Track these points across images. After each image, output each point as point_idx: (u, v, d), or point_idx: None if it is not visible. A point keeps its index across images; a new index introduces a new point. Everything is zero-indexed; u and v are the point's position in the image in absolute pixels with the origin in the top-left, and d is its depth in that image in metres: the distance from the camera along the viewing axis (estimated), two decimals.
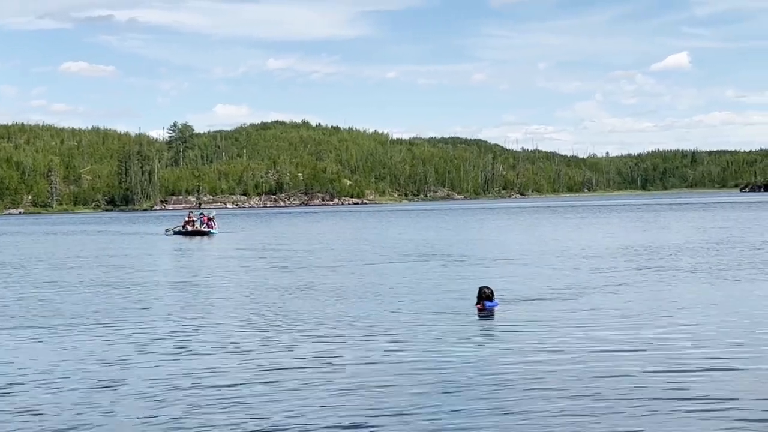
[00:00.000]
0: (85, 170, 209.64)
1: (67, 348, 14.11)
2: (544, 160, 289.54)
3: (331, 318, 16.71)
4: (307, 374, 11.52)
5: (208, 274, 28.15)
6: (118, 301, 20.62)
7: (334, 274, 26.16)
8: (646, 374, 11.03)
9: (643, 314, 16.32)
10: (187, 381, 11.30)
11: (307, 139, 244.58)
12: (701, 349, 12.63)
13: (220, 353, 13.27)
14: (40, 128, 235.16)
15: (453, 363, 12.02)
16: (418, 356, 12.58)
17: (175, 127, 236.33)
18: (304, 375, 11.48)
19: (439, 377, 11.13)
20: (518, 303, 18.04)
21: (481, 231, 54.59)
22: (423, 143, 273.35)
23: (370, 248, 38.79)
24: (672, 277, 23.08)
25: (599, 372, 11.21)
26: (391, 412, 9.51)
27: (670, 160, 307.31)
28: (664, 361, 11.83)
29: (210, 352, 13.36)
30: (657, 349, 12.74)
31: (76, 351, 13.78)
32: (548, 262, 28.75)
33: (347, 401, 10.03)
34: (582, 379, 10.82)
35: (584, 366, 11.59)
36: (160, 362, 12.66)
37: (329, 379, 11.22)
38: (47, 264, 34.25)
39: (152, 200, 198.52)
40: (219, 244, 46.03)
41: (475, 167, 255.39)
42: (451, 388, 10.49)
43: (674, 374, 11.00)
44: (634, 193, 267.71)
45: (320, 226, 73.86)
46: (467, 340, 13.97)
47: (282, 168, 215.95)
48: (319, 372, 11.66)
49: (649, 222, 60.10)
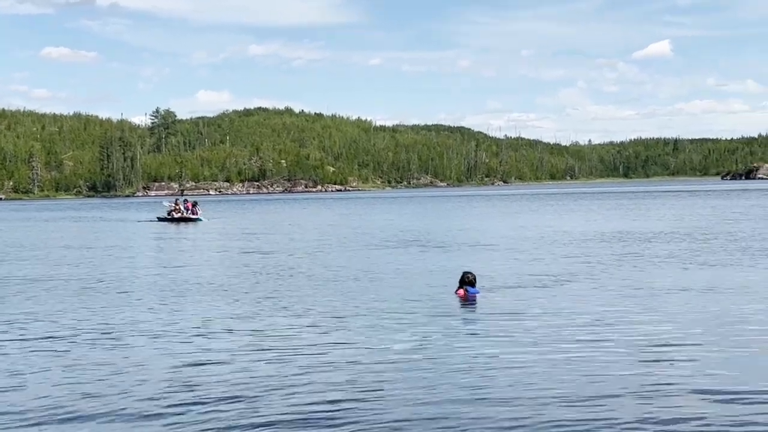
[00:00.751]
0: (67, 156, 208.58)
1: (44, 333, 14.12)
2: (527, 148, 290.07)
3: (312, 304, 16.75)
4: (282, 360, 11.57)
5: (190, 260, 28.15)
6: (100, 287, 20.60)
7: (316, 261, 26.20)
8: (625, 359, 11.14)
9: (622, 299, 16.46)
10: (167, 362, 11.35)
11: (290, 126, 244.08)
12: (678, 332, 12.77)
13: (199, 339, 13.30)
14: (21, 114, 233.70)
15: (433, 349, 12.11)
16: (398, 342, 12.65)
17: (157, 113, 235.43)
18: (280, 361, 11.53)
19: (418, 363, 11.21)
20: (499, 289, 18.14)
21: (463, 218, 54.72)
22: (406, 130, 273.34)
23: (354, 235, 38.87)
24: (650, 263, 23.25)
25: (580, 358, 11.32)
26: (370, 398, 9.58)
27: (652, 148, 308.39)
28: (643, 345, 11.96)
29: (188, 339, 13.39)
30: (636, 333, 12.86)
31: (59, 333, 13.79)
32: (529, 248, 28.89)
33: (325, 387, 10.09)
34: (562, 366, 10.91)
35: (565, 353, 11.70)
36: (143, 345, 12.70)
37: (307, 364, 11.28)
38: (34, 252, 34.14)
39: (134, 187, 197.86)
40: (204, 231, 45.96)
41: (458, 154, 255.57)
42: (431, 375, 10.57)
43: (651, 358, 11.13)
44: (616, 180, 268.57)
45: (304, 213, 73.83)
46: (448, 325, 14.06)
47: (265, 155, 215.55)
48: (296, 357, 11.71)
49: (630, 210, 60.38)
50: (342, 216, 63.71)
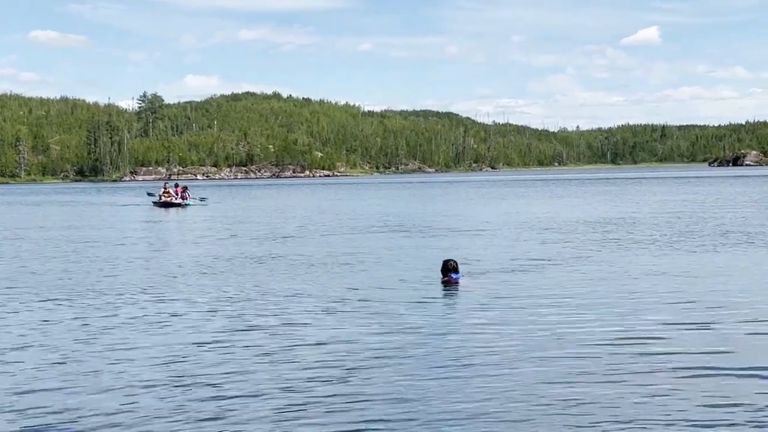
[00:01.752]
0: (54, 140, 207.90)
1: (33, 321, 14.16)
2: (515, 134, 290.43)
3: (297, 290, 16.83)
4: (265, 347, 11.65)
5: (178, 245, 28.20)
6: (88, 272, 20.63)
7: (303, 246, 26.26)
8: (607, 342, 11.27)
9: (602, 283, 16.60)
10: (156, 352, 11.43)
11: (278, 111, 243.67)
12: (660, 316, 12.91)
13: (184, 326, 13.37)
14: (8, 97, 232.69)
15: (416, 335, 12.21)
16: (381, 329, 12.75)
17: (144, 97, 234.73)
18: (263, 347, 11.61)
19: (401, 350, 11.30)
20: (483, 275, 18.24)
21: (449, 203, 54.83)
22: (395, 116, 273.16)
23: (340, 220, 38.93)
24: (635, 248, 23.41)
25: (563, 342, 11.44)
26: (352, 384, 9.68)
27: (640, 134, 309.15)
28: (626, 328, 12.10)
29: (174, 326, 13.46)
30: (618, 317, 13.00)
31: (43, 324, 13.83)
32: (514, 234, 29.02)
33: (309, 373, 10.18)
34: (545, 349, 11.03)
35: (545, 335, 11.82)
36: (129, 334, 12.76)
37: (291, 352, 11.37)
38: (18, 235, 34.10)
39: (121, 171, 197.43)
40: (193, 216, 45.95)
41: (446, 140, 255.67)
42: (414, 361, 10.67)
43: (634, 340, 11.26)
44: (604, 167, 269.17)
45: (292, 198, 73.85)
46: (430, 310, 14.17)
47: (253, 140, 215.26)
48: (281, 344, 11.80)
49: (616, 195, 60.61)
50: (329, 201, 63.75)
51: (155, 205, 55.71)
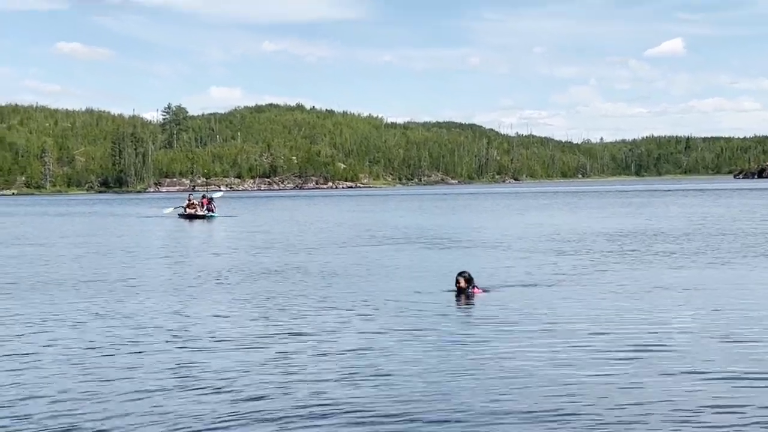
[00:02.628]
0: (79, 152, 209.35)
1: (58, 329, 14.26)
2: (539, 146, 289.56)
3: (315, 300, 16.87)
4: (279, 354, 11.69)
5: (198, 256, 28.30)
6: (109, 280, 20.76)
7: (325, 256, 26.29)
8: (617, 355, 11.21)
9: (619, 298, 16.51)
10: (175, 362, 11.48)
11: (301, 123, 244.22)
12: (684, 329, 12.83)
13: (207, 337, 13.43)
14: (34, 109, 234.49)
15: (429, 347, 12.20)
16: (392, 339, 12.75)
17: (169, 109, 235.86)
18: (277, 354, 11.65)
19: (414, 362, 11.30)
20: (499, 287, 18.19)
21: (472, 215, 54.72)
22: (417, 127, 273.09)
23: (362, 232, 38.94)
24: (661, 261, 23.27)
25: (577, 357, 11.39)
26: (363, 395, 9.69)
27: (664, 146, 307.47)
28: (646, 343, 12.03)
29: (197, 336, 13.51)
30: (639, 332, 12.92)
31: (68, 332, 13.93)
32: (534, 246, 28.91)
33: (327, 385, 10.20)
34: (558, 363, 10.99)
35: (561, 350, 11.77)
36: (153, 344, 12.82)
37: (304, 360, 11.40)
38: (58, 245, 34.35)
39: (146, 182, 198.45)
40: (219, 228, 46.07)
41: (469, 152, 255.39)
42: (425, 373, 10.67)
43: (656, 356, 11.19)
44: (628, 179, 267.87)
45: (315, 209, 73.98)
46: (445, 324, 14.15)
47: (276, 151, 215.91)
48: (293, 353, 11.83)
49: (641, 208, 60.25)
50: (352, 213, 63.81)
51: (180, 217, 55.59)
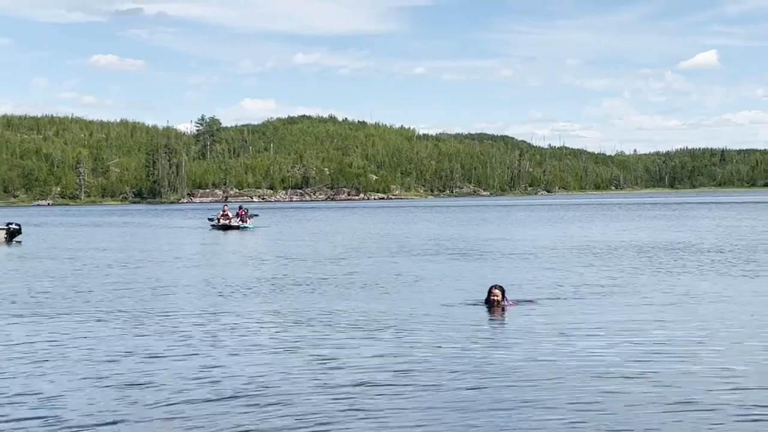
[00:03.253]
0: (113, 163, 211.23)
1: (87, 338, 14.42)
2: (571, 158, 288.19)
3: (344, 311, 16.94)
4: (302, 363, 11.75)
5: (230, 266, 28.46)
6: (140, 290, 20.95)
7: (353, 268, 26.37)
8: (650, 369, 11.17)
9: (653, 309, 16.43)
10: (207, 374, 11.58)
11: (333, 134, 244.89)
12: (721, 345, 12.76)
13: (237, 346, 13.52)
14: (69, 120, 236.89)
15: (460, 362, 12.21)
16: (422, 352, 12.78)
17: (202, 120, 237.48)
18: (300, 363, 11.72)
19: (443, 375, 11.32)
20: (531, 300, 18.16)
21: (504, 227, 54.60)
22: (449, 139, 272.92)
23: (393, 243, 38.98)
24: (692, 273, 23.13)
25: (610, 372, 11.36)
26: (390, 407, 9.72)
27: (698, 158, 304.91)
28: (680, 353, 11.98)
29: (229, 344, 13.61)
30: (672, 342, 12.87)
31: (97, 341, 14.09)
32: (565, 258, 28.82)
33: (357, 397, 10.24)
34: (594, 377, 10.96)
35: (594, 363, 11.75)
36: (184, 355, 12.94)
37: (333, 369, 11.45)
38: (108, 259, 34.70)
39: (179, 193, 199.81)
40: (252, 239, 46.29)
41: (501, 163, 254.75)
42: (457, 387, 10.69)
43: (682, 368, 11.15)
44: (662, 191, 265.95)
45: (347, 221, 74.12)
46: (476, 336, 14.16)
47: (308, 162, 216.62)
48: (323, 361, 11.89)
49: (676, 221, 59.82)
50: (384, 224, 63.88)
51: (213, 228, 55.72)
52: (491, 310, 16.65)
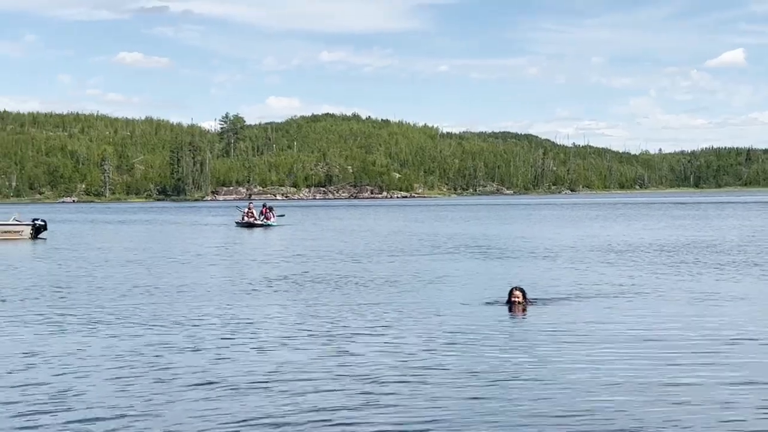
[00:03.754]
0: (138, 160, 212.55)
1: (108, 333, 14.57)
2: (596, 156, 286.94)
3: (366, 308, 17.01)
4: (323, 357, 11.83)
5: (253, 263, 28.59)
6: (166, 291, 21.11)
7: (375, 266, 26.44)
8: (672, 368, 11.18)
9: (671, 310, 16.41)
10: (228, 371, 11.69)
11: (357, 132, 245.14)
12: (745, 352, 12.74)
13: (254, 339, 13.63)
14: (95, 118, 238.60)
15: (479, 363, 12.26)
16: (437, 350, 12.83)
17: (226, 118, 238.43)
18: (320, 356, 11.80)
19: (463, 375, 11.37)
20: (552, 300, 18.16)
21: (528, 226, 54.49)
22: (473, 137, 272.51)
23: (416, 241, 39.01)
24: (715, 273, 23.03)
25: (634, 375, 11.37)
26: (408, 405, 9.78)
27: (724, 157, 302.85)
28: (703, 352, 11.97)
29: (248, 338, 13.72)
30: (695, 342, 12.86)
31: (118, 338, 14.23)
32: (588, 258, 28.76)
33: (376, 398, 10.31)
34: (616, 381, 10.98)
35: (620, 363, 11.76)
36: (205, 350, 13.06)
37: (357, 372, 11.52)
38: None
39: (203, 191, 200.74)
40: (276, 236, 46.48)
41: (525, 162, 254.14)
42: (478, 388, 10.73)
43: (713, 366, 11.14)
44: (687, 191, 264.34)
45: (370, 219, 74.22)
46: (495, 336, 14.20)
47: (331, 160, 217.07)
48: (342, 358, 11.96)
49: (700, 220, 59.48)
50: (405, 222, 63.91)
51: (238, 225, 56.10)
52: (511, 309, 16.65)
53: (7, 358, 12.43)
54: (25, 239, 42.77)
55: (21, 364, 12.07)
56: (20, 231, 43.60)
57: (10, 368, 11.77)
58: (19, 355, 12.70)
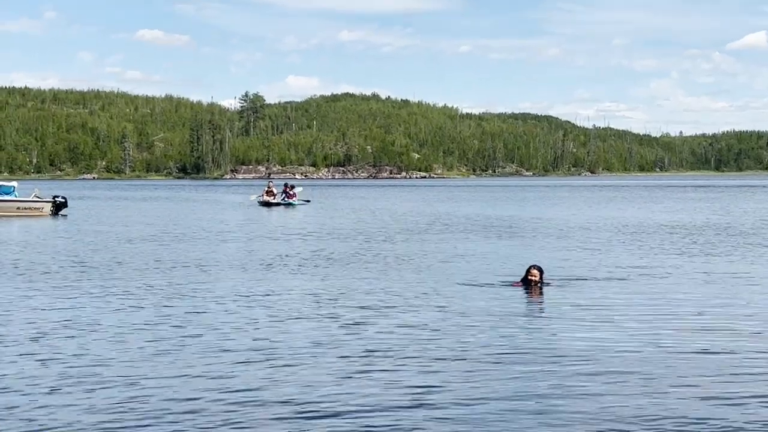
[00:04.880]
0: (158, 138, 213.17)
1: (123, 309, 14.77)
2: (616, 138, 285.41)
3: (383, 287, 17.14)
4: (337, 334, 11.98)
5: (269, 242, 28.74)
6: (185, 267, 21.31)
7: (392, 246, 26.55)
8: (681, 350, 11.25)
9: (687, 293, 16.45)
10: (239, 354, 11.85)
11: (376, 112, 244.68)
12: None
13: (271, 318, 13.79)
14: (115, 95, 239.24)
15: (494, 342, 12.37)
16: (457, 333, 12.95)
17: (246, 97, 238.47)
18: (336, 332, 11.94)
19: (476, 354, 11.49)
20: (569, 281, 18.22)
21: (547, 207, 54.43)
22: (492, 118, 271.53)
23: (434, 221, 39.08)
24: (732, 255, 23.04)
25: (649, 354, 11.46)
26: (429, 388, 9.91)
27: (745, 140, 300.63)
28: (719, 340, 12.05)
29: (264, 316, 13.88)
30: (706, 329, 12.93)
31: (134, 312, 14.43)
32: (605, 239, 28.76)
33: (393, 375, 10.44)
34: (633, 361, 11.07)
35: (635, 348, 11.84)
36: (216, 322, 13.23)
37: (368, 348, 11.65)
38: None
39: (223, 169, 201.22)
40: (297, 215, 46.59)
41: (545, 144, 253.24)
42: (491, 367, 10.85)
43: (729, 350, 11.22)
44: (707, 173, 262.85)
45: (390, 198, 74.25)
46: (513, 319, 14.31)
47: (351, 140, 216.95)
48: (357, 339, 12.10)
49: (718, 203, 59.21)
50: (426, 203, 63.96)
51: (259, 204, 55.82)
52: (529, 289, 16.72)
53: (32, 331, 12.64)
54: (45, 216, 43.09)
55: (50, 336, 12.27)
56: (41, 208, 43.93)
57: (31, 341, 11.98)
58: (48, 327, 12.91)
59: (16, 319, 13.74)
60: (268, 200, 54.81)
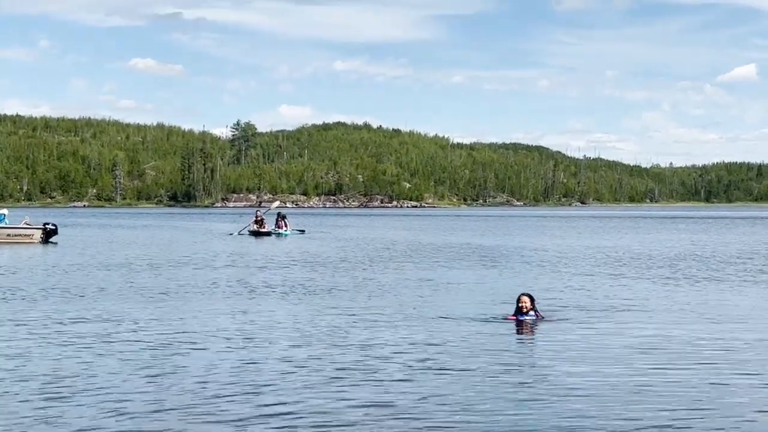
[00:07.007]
0: (149, 166, 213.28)
1: (118, 333, 14.65)
2: (607, 169, 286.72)
3: (373, 313, 17.04)
4: (331, 359, 11.87)
5: (269, 269, 28.64)
6: (174, 294, 21.19)
7: (382, 274, 26.47)
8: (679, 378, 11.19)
9: (675, 323, 16.40)
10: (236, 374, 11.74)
11: (367, 141, 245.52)
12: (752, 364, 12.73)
13: (256, 346, 13.69)
14: (107, 123, 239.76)
15: (483, 372, 12.28)
16: (443, 364, 12.86)
17: (238, 125, 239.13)
18: (327, 359, 11.83)
19: (465, 388, 11.40)
20: (559, 312, 18.14)
21: (536, 237, 54.43)
22: (483, 148, 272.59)
23: (424, 251, 39.01)
24: (721, 284, 23.02)
25: (635, 382, 11.39)
26: (409, 412, 9.81)
27: (735, 172, 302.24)
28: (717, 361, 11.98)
29: (253, 340, 13.78)
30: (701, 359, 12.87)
31: (125, 336, 14.31)
32: (596, 270, 28.74)
33: (380, 409, 10.34)
34: (624, 393, 10.99)
35: (632, 385, 11.77)
36: (218, 353, 13.11)
37: (359, 377, 11.55)
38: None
39: (214, 197, 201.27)
40: (287, 244, 46.42)
41: (535, 174, 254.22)
42: (475, 399, 10.76)
43: (722, 381, 11.15)
44: (697, 205, 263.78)
45: (381, 228, 74.22)
46: (503, 349, 14.22)
47: (342, 169, 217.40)
48: (350, 364, 12.01)
49: (705, 234, 59.36)
50: (415, 232, 63.91)
51: (249, 234, 54.58)
52: (521, 319, 16.60)
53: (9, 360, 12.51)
54: (35, 243, 42.88)
55: (32, 361, 12.15)
56: (31, 235, 43.73)
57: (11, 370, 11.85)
58: (30, 353, 12.78)
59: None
60: (258, 230, 53.78)
